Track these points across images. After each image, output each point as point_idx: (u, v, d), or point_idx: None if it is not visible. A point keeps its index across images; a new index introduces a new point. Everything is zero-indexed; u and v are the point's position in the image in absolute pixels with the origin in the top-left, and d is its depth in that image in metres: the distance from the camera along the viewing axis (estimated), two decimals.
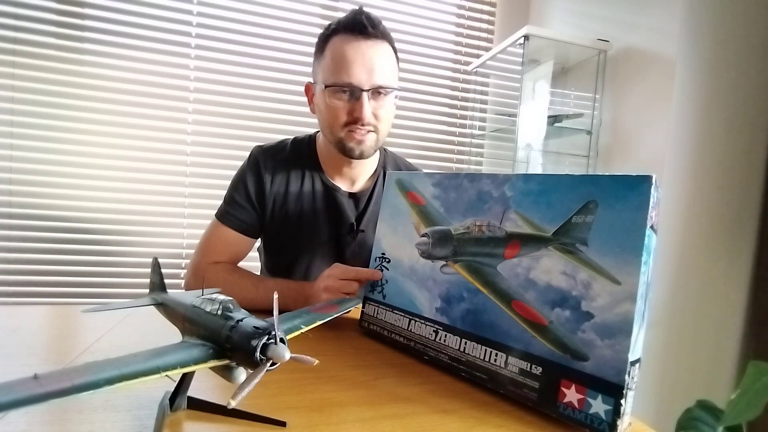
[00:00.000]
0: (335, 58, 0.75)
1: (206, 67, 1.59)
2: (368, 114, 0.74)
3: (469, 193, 0.54)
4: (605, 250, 0.38)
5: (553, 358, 0.40)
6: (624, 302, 0.36)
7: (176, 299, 0.41)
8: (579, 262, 0.40)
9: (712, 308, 1.31)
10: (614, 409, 0.35)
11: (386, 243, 0.64)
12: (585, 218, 0.40)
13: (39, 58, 1.44)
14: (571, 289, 0.40)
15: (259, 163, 0.84)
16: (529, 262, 0.45)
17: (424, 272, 0.57)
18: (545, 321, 0.42)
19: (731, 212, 1.31)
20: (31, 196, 1.46)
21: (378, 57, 0.75)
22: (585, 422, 0.36)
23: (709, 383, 1.31)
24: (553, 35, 1.45)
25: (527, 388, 0.41)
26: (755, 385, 0.84)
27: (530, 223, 0.45)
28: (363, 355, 0.56)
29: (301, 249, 0.85)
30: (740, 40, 1.28)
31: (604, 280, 0.38)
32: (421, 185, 0.60)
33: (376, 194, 0.89)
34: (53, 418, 0.36)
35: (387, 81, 0.76)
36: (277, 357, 0.31)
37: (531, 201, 0.46)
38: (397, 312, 0.59)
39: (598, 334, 0.37)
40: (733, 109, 1.29)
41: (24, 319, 0.62)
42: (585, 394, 0.37)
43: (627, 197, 0.37)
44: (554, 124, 1.53)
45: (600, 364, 0.37)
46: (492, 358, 0.46)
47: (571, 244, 0.41)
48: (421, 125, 1.85)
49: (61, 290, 1.50)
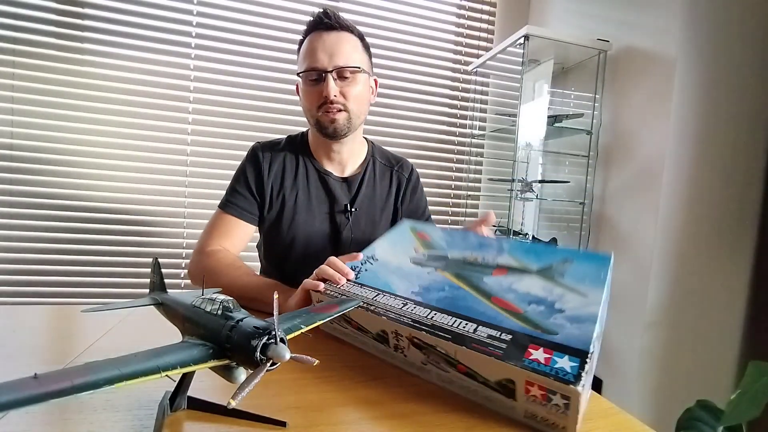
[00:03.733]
0: (304, 52, 0.85)
1: (206, 67, 1.59)
2: (333, 91, 0.81)
3: (471, 240, 0.63)
4: (577, 282, 0.49)
5: (523, 331, 0.43)
6: (590, 306, 0.45)
7: (176, 299, 0.41)
8: (555, 284, 0.50)
9: (712, 308, 1.31)
10: (579, 366, 0.38)
11: (380, 251, 0.66)
12: (563, 265, 0.52)
13: (39, 58, 1.44)
14: (546, 296, 0.48)
15: (258, 155, 0.92)
16: (513, 279, 0.52)
17: (410, 270, 0.58)
18: (520, 310, 0.47)
19: (731, 212, 1.31)
20: (31, 196, 1.46)
21: (338, 42, 0.82)
22: (550, 374, 0.37)
23: (709, 383, 1.31)
24: (553, 35, 1.45)
25: (493, 347, 0.41)
26: (755, 385, 0.84)
27: (520, 263, 0.55)
28: (363, 355, 0.56)
29: (298, 229, 0.91)
30: (740, 40, 1.28)
31: (574, 294, 0.47)
32: (432, 230, 0.69)
33: (366, 179, 0.96)
34: (53, 418, 0.36)
35: (348, 62, 0.82)
36: (277, 357, 0.31)
37: (523, 251, 0.57)
38: (366, 287, 0.57)
39: (568, 320, 0.43)
40: (733, 109, 1.29)
41: (24, 319, 0.62)
42: (552, 355, 0.40)
43: (595, 262, 0.51)
44: (554, 124, 1.53)
45: (569, 337, 0.41)
46: (460, 326, 0.46)
47: (550, 276, 0.51)
48: (421, 125, 1.85)
49: (61, 290, 1.50)
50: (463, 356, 0.43)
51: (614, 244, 1.44)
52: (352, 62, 0.83)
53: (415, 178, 1.03)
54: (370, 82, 0.91)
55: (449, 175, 1.91)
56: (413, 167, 1.05)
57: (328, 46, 0.82)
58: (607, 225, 1.48)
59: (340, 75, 0.82)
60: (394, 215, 1.00)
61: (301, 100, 0.90)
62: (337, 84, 0.82)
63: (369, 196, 0.96)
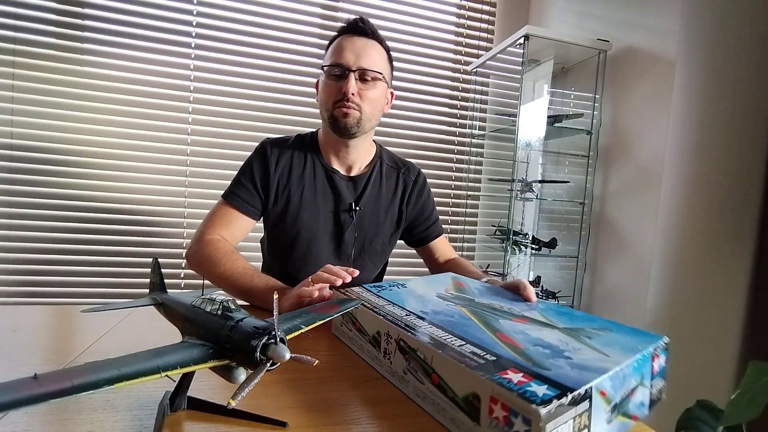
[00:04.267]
0: (332, 48, 0.88)
1: (206, 67, 1.59)
2: (352, 89, 0.84)
3: (507, 295, 0.63)
4: (603, 345, 0.43)
5: (511, 358, 0.39)
6: (606, 362, 0.38)
7: (176, 299, 0.41)
8: (577, 340, 0.44)
9: (712, 308, 1.31)
10: (556, 396, 0.32)
11: (412, 282, 0.67)
12: (597, 331, 0.47)
13: (39, 58, 1.44)
14: (558, 345, 0.43)
15: (266, 150, 0.93)
16: (530, 327, 0.49)
17: (430, 299, 0.58)
18: (521, 346, 0.42)
19: (731, 212, 1.31)
20: (31, 196, 1.46)
21: (367, 47, 0.86)
22: (515, 390, 0.33)
23: (709, 383, 1.31)
24: (553, 35, 1.45)
25: (470, 359, 0.38)
26: (755, 385, 0.84)
27: (547, 320, 0.52)
28: (360, 356, 0.56)
29: (303, 225, 0.92)
30: (740, 40, 1.28)
31: (592, 351, 0.41)
32: (471, 282, 0.70)
33: (373, 179, 0.97)
34: (53, 418, 0.36)
35: (373, 66, 0.86)
36: (277, 357, 0.31)
37: (557, 312, 0.55)
38: (381, 298, 0.58)
39: (570, 365, 0.38)
40: (732, 109, 1.29)
41: (24, 319, 0.62)
42: (530, 380, 0.34)
43: (639, 336, 0.46)
44: (554, 124, 1.53)
45: (560, 375, 0.35)
46: (448, 339, 0.43)
47: (575, 334, 0.46)
48: (421, 125, 1.85)
49: (61, 290, 1.50)
50: (438, 363, 0.40)
51: (614, 244, 1.44)
52: (375, 67, 0.87)
53: (421, 182, 1.04)
54: (387, 93, 0.94)
55: (449, 175, 1.91)
56: (420, 171, 1.05)
57: (356, 48, 0.85)
58: (607, 225, 1.48)
59: (361, 76, 0.86)
60: (398, 217, 1.00)
61: (318, 95, 0.93)
62: (357, 84, 0.85)
63: (374, 197, 0.97)
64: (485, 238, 1.87)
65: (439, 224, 1.08)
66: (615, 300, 1.42)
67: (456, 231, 1.93)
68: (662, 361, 0.45)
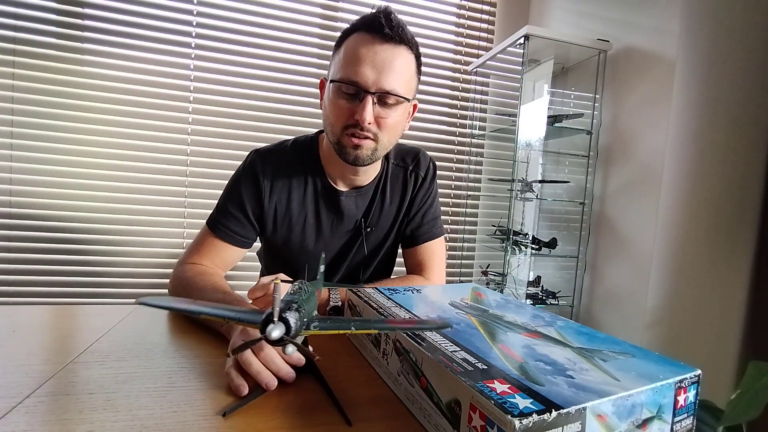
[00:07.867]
0: (347, 55, 0.70)
1: (206, 68, 1.59)
2: (369, 117, 0.68)
3: (526, 309, 0.58)
4: (617, 370, 0.38)
5: (505, 369, 0.37)
6: (614, 387, 0.35)
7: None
8: (588, 361, 0.40)
9: (712, 308, 1.31)
10: (538, 412, 0.30)
11: (428, 289, 0.67)
12: (616, 355, 0.42)
13: (39, 58, 1.44)
14: (564, 363, 0.40)
15: (257, 171, 0.80)
16: (539, 343, 0.45)
17: (441, 306, 0.58)
18: (521, 359, 0.40)
19: (731, 212, 1.31)
20: (31, 197, 1.46)
21: (392, 60, 0.69)
22: (494, 399, 0.32)
23: (709, 383, 1.31)
24: (553, 35, 1.45)
25: (459, 365, 0.37)
26: (755, 385, 0.84)
27: (563, 338, 0.47)
28: (363, 355, 0.56)
29: (309, 253, 0.84)
30: (740, 40, 1.28)
31: (602, 374, 0.37)
32: (492, 294, 0.66)
33: (380, 189, 0.87)
34: (53, 418, 0.36)
35: (396, 88, 0.69)
36: (267, 333, 0.35)
37: (576, 332, 0.49)
38: (390, 300, 0.59)
39: (569, 384, 0.35)
40: (732, 109, 1.29)
41: (24, 319, 0.62)
42: (515, 393, 0.33)
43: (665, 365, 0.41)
44: (554, 124, 1.53)
45: (552, 392, 0.33)
46: (443, 344, 0.42)
47: (589, 356, 0.42)
48: (421, 125, 1.85)
49: (61, 290, 1.50)
50: (427, 366, 0.40)
51: (614, 244, 1.44)
52: (399, 89, 0.70)
53: (429, 178, 0.92)
54: (410, 107, 0.78)
55: (449, 175, 1.91)
56: (431, 161, 0.93)
57: (378, 61, 0.68)
58: (607, 225, 1.48)
59: (380, 99, 0.70)
60: (402, 220, 0.91)
61: (324, 107, 0.76)
62: (375, 109, 0.70)
63: (381, 209, 0.88)
64: (485, 238, 1.87)
65: (434, 228, 0.93)
66: (615, 300, 1.42)
67: (456, 231, 1.93)
68: (691, 396, 0.39)
